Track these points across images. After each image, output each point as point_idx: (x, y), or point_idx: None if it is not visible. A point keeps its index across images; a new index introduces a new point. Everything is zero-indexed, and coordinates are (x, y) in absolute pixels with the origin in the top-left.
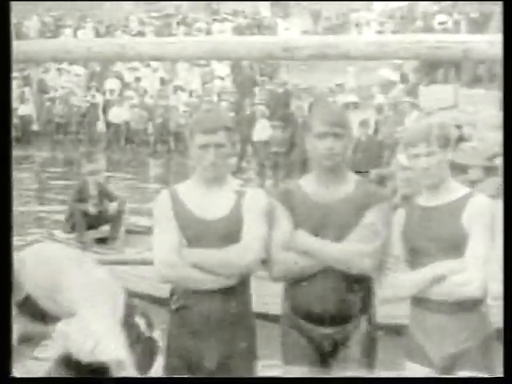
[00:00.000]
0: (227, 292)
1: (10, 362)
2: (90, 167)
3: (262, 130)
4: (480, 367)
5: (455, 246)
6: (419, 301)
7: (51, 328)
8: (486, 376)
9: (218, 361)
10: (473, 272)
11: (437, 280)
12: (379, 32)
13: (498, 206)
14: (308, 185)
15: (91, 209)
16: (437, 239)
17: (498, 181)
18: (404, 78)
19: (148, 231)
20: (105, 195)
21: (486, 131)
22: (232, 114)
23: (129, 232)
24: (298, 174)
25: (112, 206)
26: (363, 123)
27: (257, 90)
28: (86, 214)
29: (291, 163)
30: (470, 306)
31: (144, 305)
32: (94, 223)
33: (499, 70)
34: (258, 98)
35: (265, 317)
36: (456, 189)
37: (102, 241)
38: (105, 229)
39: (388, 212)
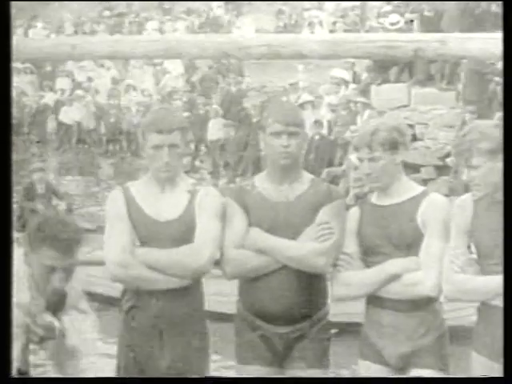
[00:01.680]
0: (179, 292)
1: (10, 362)
2: (36, 166)
3: (216, 130)
4: (434, 366)
5: (410, 245)
6: (373, 299)
7: None
8: (444, 376)
9: (171, 361)
10: (427, 271)
11: (391, 278)
12: (332, 31)
13: (451, 204)
14: (262, 183)
15: (39, 207)
16: (391, 238)
17: (449, 180)
18: (356, 78)
19: (98, 230)
20: (53, 194)
21: (437, 130)
22: (186, 114)
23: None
24: (252, 173)
25: (60, 205)
26: (317, 123)
27: (217, 89)
28: (35, 213)
29: (245, 162)
30: (424, 304)
31: None
32: None
33: (451, 69)
34: (213, 97)
35: (220, 316)
36: (410, 188)
37: None
38: None
39: (342, 210)
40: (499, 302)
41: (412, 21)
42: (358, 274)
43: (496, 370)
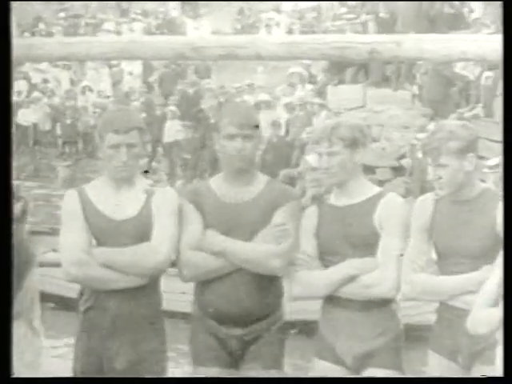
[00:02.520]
0: (136, 292)
1: (10, 362)
2: None
3: (173, 131)
4: (389, 365)
5: (367, 245)
6: (330, 299)
7: None
8: (402, 376)
9: (128, 362)
10: (385, 271)
11: (350, 279)
12: (289, 33)
13: (408, 205)
14: (217, 185)
15: None
16: (349, 238)
17: (405, 181)
18: (313, 78)
19: (52, 232)
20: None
21: (393, 131)
22: (143, 115)
23: (32, 233)
24: (210, 174)
25: (16, 206)
26: (274, 124)
27: (175, 90)
28: None
29: (203, 163)
30: (381, 304)
31: None
32: None
33: (406, 70)
34: (171, 98)
35: (176, 315)
36: (368, 188)
37: None
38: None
39: (297, 212)
40: (457, 303)
41: None
42: (316, 274)
43: (453, 369)
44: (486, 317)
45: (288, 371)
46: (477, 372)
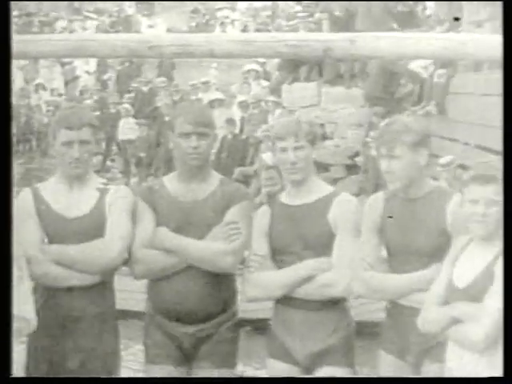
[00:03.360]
0: (89, 290)
1: (10, 362)
2: None
3: (127, 129)
4: (342, 364)
5: (321, 245)
6: (282, 298)
7: None
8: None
9: (81, 361)
10: (339, 271)
11: (305, 280)
12: (243, 31)
13: (361, 203)
14: (171, 183)
15: None
16: (303, 238)
17: (359, 179)
18: (268, 76)
19: None
20: None
21: (346, 129)
22: (97, 113)
23: None
24: (164, 173)
25: None
26: (229, 121)
27: (129, 88)
28: None
29: (157, 161)
30: (333, 303)
31: None
32: None
33: (360, 68)
34: (125, 96)
35: (129, 314)
36: (320, 187)
37: None
38: None
39: (250, 211)
40: (407, 301)
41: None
42: (270, 275)
43: (404, 368)
44: (436, 315)
45: (242, 369)
46: (426, 370)
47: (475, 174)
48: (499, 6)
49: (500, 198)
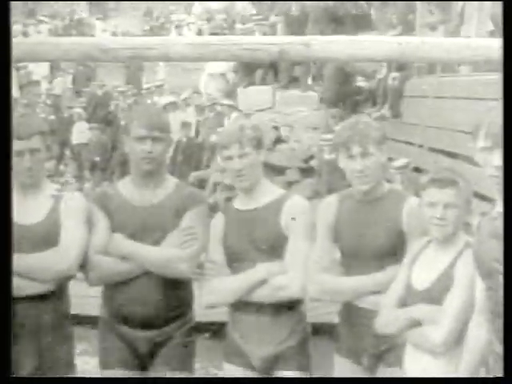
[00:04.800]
0: (44, 298)
1: (9, 362)
2: None
3: (81, 133)
4: (298, 367)
5: (275, 249)
6: (238, 303)
7: None
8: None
9: (34, 368)
10: (293, 274)
11: (259, 283)
12: (198, 34)
13: (315, 207)
14: (126, 188)
15: None
16: (256, 242)
17: (314, 182)
18: (223, 79)
19: None
20: None
21: (302, 132)
22: (51, 117)
23: None
24: (119, 177)
25: None
26: (184, 125)
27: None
28: None
29: (112, 166)
30: (289, 306)
31: None
32: None
33: (315, 71)
34: (79, 100)
35: (84, 319)
36: (271, 191)
37: None
38: None
39: (206, 215)
40: (362, 303)
41: None
42: (225, 280)
43: (358, 371)
44: (394, 317)
45: (198, 374)
46: (382, 374)
47: (434, 178)
48: (453, 8)
49: (458, 200)
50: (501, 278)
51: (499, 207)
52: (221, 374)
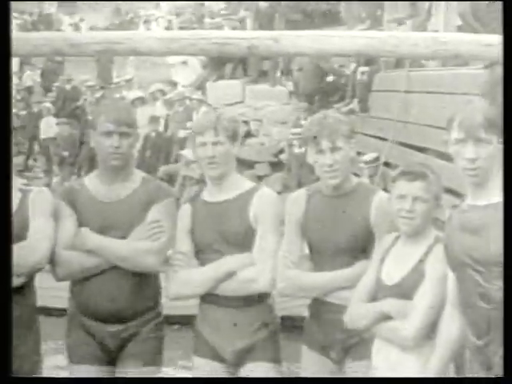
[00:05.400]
0: (12, 292)
1: (10, 362)
2: None
3: (49, 128)
4: (268, 359)
5: (243, 241)
6: (207, 296)
7: None
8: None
9: None
10: (261, 266)
11: (227, 275)
12: (167, 29)
13: (284, 200)
14: (93, 183)
15: None
16: (225, 234)
17: (283, 176)
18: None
19: None
20: None
21: (271, 127)
22: (21, 112)
23: None
24: (87, 172)
25: None
26: (152, 119)
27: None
28: None
29: (80, 161)
30: (258, 299)
31: None
32: None
33: (284, 65)
34: (48, 94)
35: (52, 312)
36: (241, 183)
37: None
38: None
39: (173, 209)
40: (331, 298)
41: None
42: (192, 272)
43: (327, 365)
44: (364, 311)
45: (166, 368)
46: (350, 367)
47: (403, 170)
48: (420, 3)
49: (427, 194)
50: (470, 271)
51: (470, 200)
52: (190, 368)
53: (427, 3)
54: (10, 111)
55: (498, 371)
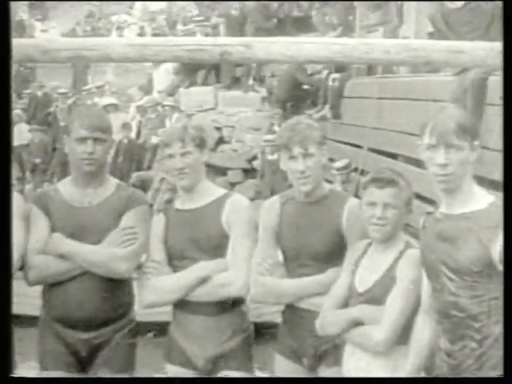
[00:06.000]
0: None
1: (10, 362)
2: None
3: (21, 134)
4: (241, 367)
5: (216, 248)
6: (180, 303)
7: None
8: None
9: None
10: (235, 271)
11: (200, 282)
12: (140, 35)
13: (257, 207)
14: (66, 189)
15: None
16: (198, 242)
17: (256, 183)
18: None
19: None
20: None
21: (244, 133)
22: None
23: None
24: (60, 178)
25: None
26: (124, 126)
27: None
28: None
29: (52, 167)
30: (231, 306)
31: None
32: None
33: (256, 72)
34: (19, 101)
35: (24, 319)
36: (212, 190)
37: None
38: None
39: (146, 216)
40: (303, 304)
41: None
42: (166, 279)
43: (299, 371)
44: (335, 317)
45: (140, 375)
46: (322, 374)
47: (374, 177)
48: (392, 9)
49: (398, 200)
50: (446, 280)
51: (444, 208)
52: (162, 375)
53: (399, 9)
54: (10, 111)
55: (466, 375)
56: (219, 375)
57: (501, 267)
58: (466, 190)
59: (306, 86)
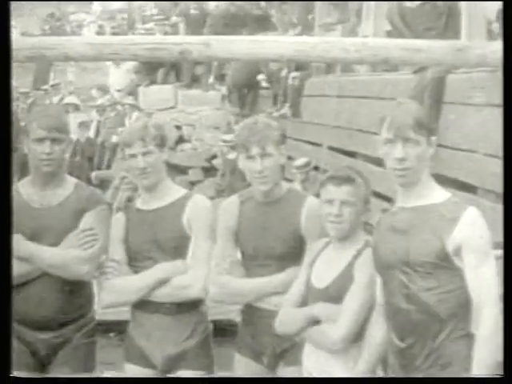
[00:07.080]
0: None
1: (10, 362)
2: None
3: None
4: (200, 366)
5: (177, 249)
6: (139, 302)
7: None
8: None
9: None
10: (195, 273)
11: (160, 282)
12: (99, 34)
13: (217, 206)
14: (25, 189)
15: None
16: (158, 242)
17: (216, 181)
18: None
19: None
20: None
21: (204, 132)
22: None
23: None
24: (19, 178)
25: None
26: (83, 125)
27: None
28: None
29: (13, 167)
30: (190, 306)
31: None
32: None
33: (216, 71)
34: None
35: None
36: (173, 190)
37: None
38: None
39: (106, 216)
40: (262, 303)
41: None
42: (125, 280)
43: (258, 370)
44: (293, 316)
45: (99, 374)
46: (282, 373)
47: (331, 175)
48: (351, 8)
49: (355, 198)
50: (396, 272)
51: (399, 202)
52: (122, 375)
53: (357, 8)
54: (10, 110)
55: (418, 374)
56: (178, 374)
57: (457, 261)
58: (423, 184)
59: (265, 85)
